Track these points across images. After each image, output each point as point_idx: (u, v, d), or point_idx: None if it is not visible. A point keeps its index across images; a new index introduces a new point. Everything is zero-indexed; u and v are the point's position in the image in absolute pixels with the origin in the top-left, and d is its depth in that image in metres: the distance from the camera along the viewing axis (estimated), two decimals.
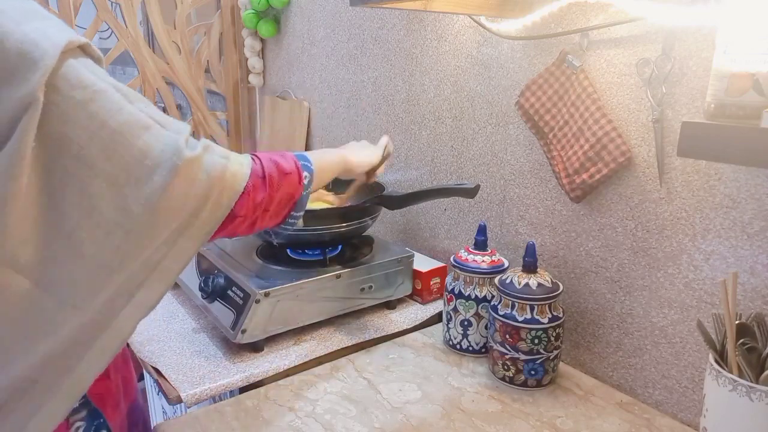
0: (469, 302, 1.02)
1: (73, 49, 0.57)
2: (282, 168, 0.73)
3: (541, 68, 1.01)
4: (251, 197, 0.68)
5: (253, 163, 0.70)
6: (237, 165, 0.67)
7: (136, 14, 1.71)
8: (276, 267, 1.12)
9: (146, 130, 0.59)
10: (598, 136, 0.90)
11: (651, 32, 0.85)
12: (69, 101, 0.55)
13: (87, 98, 0.56)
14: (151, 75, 1.78)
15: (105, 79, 0.59)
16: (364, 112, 1.51)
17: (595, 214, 0.97)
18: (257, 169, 0.70)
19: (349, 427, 0.84)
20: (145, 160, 0.59)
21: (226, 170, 0.65)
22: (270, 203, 0.72)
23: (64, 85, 0.55)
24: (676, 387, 0.89)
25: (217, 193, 0.64)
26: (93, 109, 0.56)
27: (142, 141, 0.59)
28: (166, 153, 0.60)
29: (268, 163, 0.72)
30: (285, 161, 0.75)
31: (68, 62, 0.56)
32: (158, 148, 0.59)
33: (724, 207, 0.80)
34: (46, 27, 0.56)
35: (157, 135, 0.60)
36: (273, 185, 0.71)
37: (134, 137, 0.58)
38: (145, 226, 0.60)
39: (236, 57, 1.93)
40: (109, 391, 0.75)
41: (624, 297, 0.94)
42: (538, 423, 0.86)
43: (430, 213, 1.34)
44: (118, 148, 0.57)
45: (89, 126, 0.56)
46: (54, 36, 0.55)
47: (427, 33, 1.27)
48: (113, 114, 0.57)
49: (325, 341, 1.06)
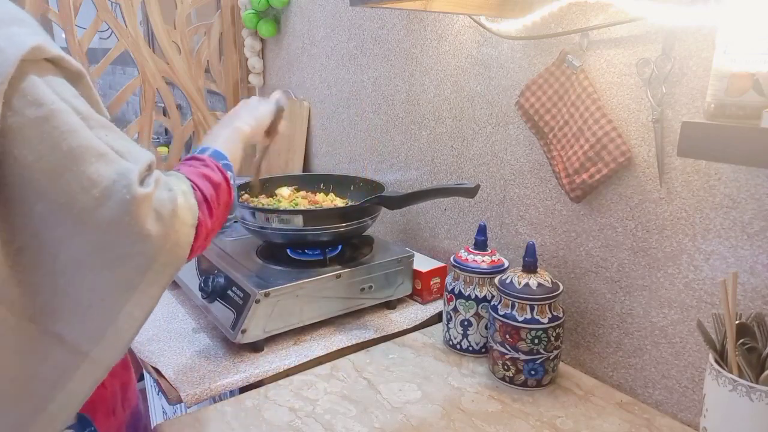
0: (469, 302, 1.02)
1: (39, 62, 0.54)
2: (213, 181, 0.70)
3: (541, 68, 1.01)
4: (203, 226, 0.66)
5: (194, 190, 0.66)
6: (182, 197, 0.63)
7: (136, 14, 1.70)
8: (276, 267, 1.12)
9: (100, 157, 0.56)
10: (598, 136, 0.90)
11: (651, 32, 0.85)
12: (20, 119, 0.52)
13: (40, 117, 0.53)
14: (151, 75, 1.77)
15: (68, 99, 0.56)
16: (364, 112, 1.51)
17: (595, 214, 0.97)
18: (198, 196, 0.66)
19: (349, 427, 0.84)
20: (93, 189, 0.55)
21: (177, 209, 0.61)
22: (216, 222, 0.70)
23: (19, 101, 0.52)
24: (676, 387, 0.89)
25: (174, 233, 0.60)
26: (45, 129, 0.53)
27: (92, 168, 0.55)
28: (116, 185, 0.55)
29: (203, 183, 0.69)
30: (212, 171, 0.71)
31: (29, 77, 0.53)
32: (109, 179, 0.55)
33: (724, 207, 0.80)
34: (16, 33, 0.54)
35: (110, 164, 0.56)
36: (214, 204, 0.69)
37: (85, 163, 0.54)
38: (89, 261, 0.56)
39: (236, 57, 1.93)
40: (102, 399, 0.74)
41: (624, 297, 0.94)
42: (538, 423, 0.86)
43: (430, 213, 1.34)
44: (65, 173, 0.54)
45: (37, 146, 0.53)
46: (20, 42, 0.53)
47: (427, 33, 1.27)
48: (66, 136, 0.54)
49: (325, 341, 1.06)
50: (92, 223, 0.55)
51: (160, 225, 0.59)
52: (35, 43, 0.54)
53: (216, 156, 0.76)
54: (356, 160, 1.57)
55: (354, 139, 1.57)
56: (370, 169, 1.52)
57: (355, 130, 1.56)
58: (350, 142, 1.58)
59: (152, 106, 1.81)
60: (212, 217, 0.68)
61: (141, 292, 0.59)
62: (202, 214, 0.66)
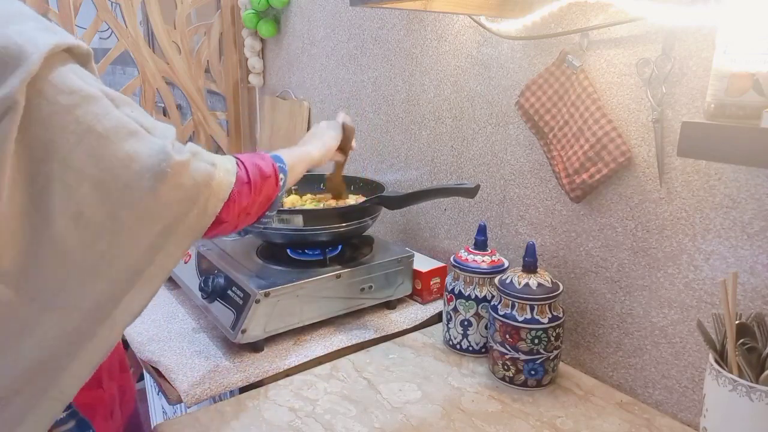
0: (469, 302, 1.02)
1: (60, 53, 0.57)
2: (263, 172, 0.74)
3: (541, 68, 1.01)
4: (236, 203, 0.69)
5: (238, 168, 0.71)
6: (223, 172, 0.67)
7: (136, 14, 1.71)
8: (276, 267, 1.12)
9: (133, 135, 0.59)
10: (598, 136, 0.90)
11: (651, 32, 0.85)
12: (54, 106, 0.55)
13: (74, 103, 0.56)
14: (151, 75, 1.77)
15: (92, 83, 0.59)
16: (364, 112, 1.51)
17: (595, 214, 0.97)
18: (242, 174, 0.70)
19: (349, 427, 0.84)
20: (133, 164, 0.58)
21: (212, 178, 0.65)
22: (252, 207, 0.73)
23: (50, 90, 0.55)
24: (676, 387, 0.89)
25: (204, 200, 0.64)
26: (79, 114, 0.56)
27: (129, 145, 0.58)
28: (153, 158, 0.59)
29: (252, 168, 0.73)
30: (265, 164, 0.76)
31: (56, 67, 0.56)
32: (146, 153, 0.59)
33: (724, 207, 0.80)
34: (31, 29, 0.56)
35: (143, 140, 0.60)
36: (256, 190, 0.72)
37: (121, 142, 0.58)
38: (131, 230, 0.59)
39: (236, 57, 1.93)
40: (101, 401, 0.74)
41: (624, 297, 0.94)
42: (538, 423, 0.86)
43: (430, 213, 1.34)
44: (105, 153, 0.57)
45: (76, 130, 0.56)
46: (39, 39, 0.55)
47: (427, 33, 1.27)
48: (100, 119, 0.57)
49: (325, 341, 1.06)
50: (136, 195, 0.58)
51: (193, 190, 0.62)
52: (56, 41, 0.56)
53: (276, 158, 0.80)
54: (356, 160, 1.57)
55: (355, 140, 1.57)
56: (370, 169, 1.52)
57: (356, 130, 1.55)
58: None
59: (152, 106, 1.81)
60: (249, 196, 0.71)
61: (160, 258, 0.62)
62: (238, 191, 0.69)
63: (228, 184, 0.67)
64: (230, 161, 0.70)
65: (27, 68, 0.53)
